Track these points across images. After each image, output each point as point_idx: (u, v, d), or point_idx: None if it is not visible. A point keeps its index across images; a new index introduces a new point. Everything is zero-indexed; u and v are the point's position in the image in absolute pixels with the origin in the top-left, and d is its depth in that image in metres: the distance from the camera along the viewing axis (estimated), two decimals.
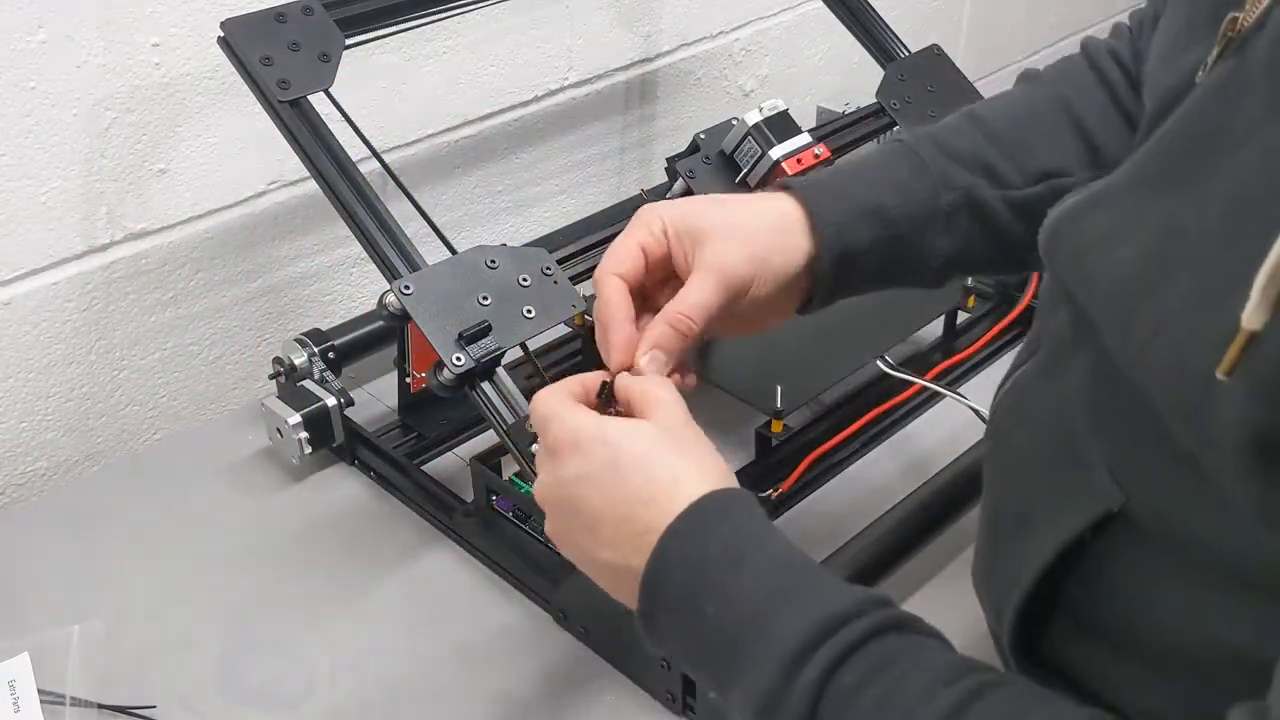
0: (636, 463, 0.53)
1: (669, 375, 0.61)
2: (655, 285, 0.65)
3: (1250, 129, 0.44)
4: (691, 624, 0.49)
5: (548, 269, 0.82)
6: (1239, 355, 0.37)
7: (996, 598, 0.60)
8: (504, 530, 0.88)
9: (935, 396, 1.00)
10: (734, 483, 0.55)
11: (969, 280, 1.09)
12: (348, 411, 0.95)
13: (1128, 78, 0.72)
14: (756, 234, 0.63)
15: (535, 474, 0.60)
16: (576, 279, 0.87)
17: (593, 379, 0.60)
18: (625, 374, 0.60)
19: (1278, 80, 0.44)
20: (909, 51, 1.14)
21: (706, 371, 0.97)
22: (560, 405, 0.57)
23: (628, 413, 0.58)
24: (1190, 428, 0.42)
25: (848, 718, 0.44)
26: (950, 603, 0.70)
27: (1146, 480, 0.50)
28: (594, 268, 0.87)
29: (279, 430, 0.94)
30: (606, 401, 0.59)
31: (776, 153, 0.97)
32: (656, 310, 0.62)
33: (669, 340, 0.60)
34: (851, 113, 1.13)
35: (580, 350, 1.05)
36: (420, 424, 1.00)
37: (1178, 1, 0.58)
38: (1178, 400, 0.42)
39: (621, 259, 0.63)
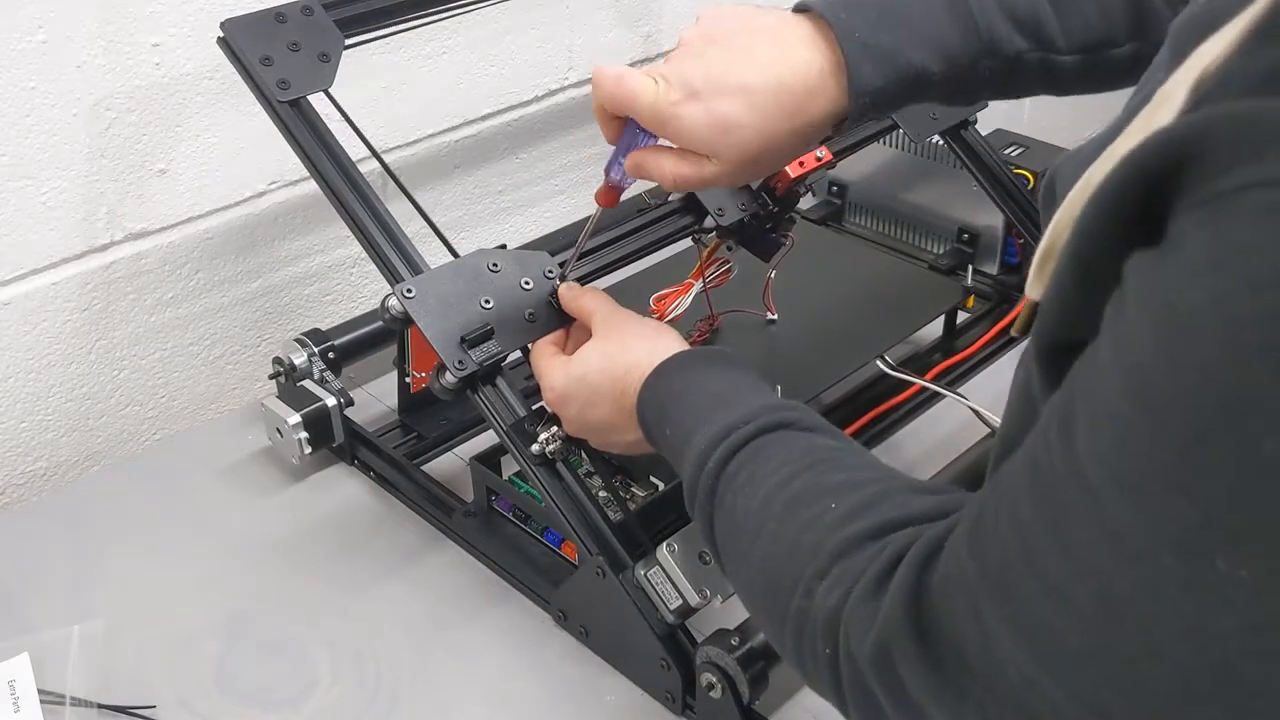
0: (606, 385, 0.73)
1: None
2: None
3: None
4: (665, 445, 0.70)
5: (550, 271, 0.82)
6: (1028, 318, 0.46)
7: None
8: (504, 530, 0.88)
9: (935, 396, 1.00)
10: (669, 340, 0.73)
11: (969, 280, 1.09)
12: (348, 411, 0.95)
13: None
14: (777, 116, 0.66)
15: (534, 474, 0.77)
16: (579, 281, 0.86)
17: (558, 335, 0.80)
18: (564, 288, 0.80)
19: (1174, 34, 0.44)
20: None
21: None
22: (543, 366, 0.77)
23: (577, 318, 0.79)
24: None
25: (730, 492, 0.61)
26: None
27: None
28: (595, 269, 0.87)
29: (279, 430, 0.94)
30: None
31: None
32: None
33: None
34: None
35: None
36: (420, 424, 1.00)
37: None
38: None
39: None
